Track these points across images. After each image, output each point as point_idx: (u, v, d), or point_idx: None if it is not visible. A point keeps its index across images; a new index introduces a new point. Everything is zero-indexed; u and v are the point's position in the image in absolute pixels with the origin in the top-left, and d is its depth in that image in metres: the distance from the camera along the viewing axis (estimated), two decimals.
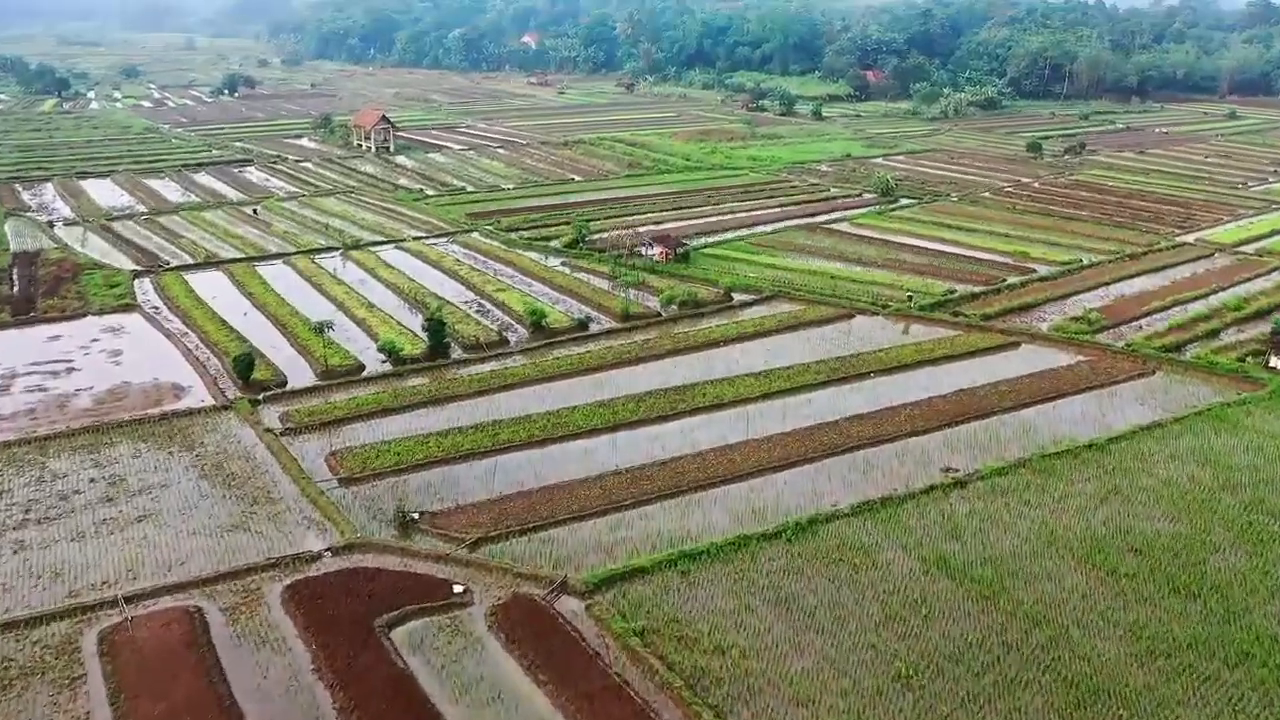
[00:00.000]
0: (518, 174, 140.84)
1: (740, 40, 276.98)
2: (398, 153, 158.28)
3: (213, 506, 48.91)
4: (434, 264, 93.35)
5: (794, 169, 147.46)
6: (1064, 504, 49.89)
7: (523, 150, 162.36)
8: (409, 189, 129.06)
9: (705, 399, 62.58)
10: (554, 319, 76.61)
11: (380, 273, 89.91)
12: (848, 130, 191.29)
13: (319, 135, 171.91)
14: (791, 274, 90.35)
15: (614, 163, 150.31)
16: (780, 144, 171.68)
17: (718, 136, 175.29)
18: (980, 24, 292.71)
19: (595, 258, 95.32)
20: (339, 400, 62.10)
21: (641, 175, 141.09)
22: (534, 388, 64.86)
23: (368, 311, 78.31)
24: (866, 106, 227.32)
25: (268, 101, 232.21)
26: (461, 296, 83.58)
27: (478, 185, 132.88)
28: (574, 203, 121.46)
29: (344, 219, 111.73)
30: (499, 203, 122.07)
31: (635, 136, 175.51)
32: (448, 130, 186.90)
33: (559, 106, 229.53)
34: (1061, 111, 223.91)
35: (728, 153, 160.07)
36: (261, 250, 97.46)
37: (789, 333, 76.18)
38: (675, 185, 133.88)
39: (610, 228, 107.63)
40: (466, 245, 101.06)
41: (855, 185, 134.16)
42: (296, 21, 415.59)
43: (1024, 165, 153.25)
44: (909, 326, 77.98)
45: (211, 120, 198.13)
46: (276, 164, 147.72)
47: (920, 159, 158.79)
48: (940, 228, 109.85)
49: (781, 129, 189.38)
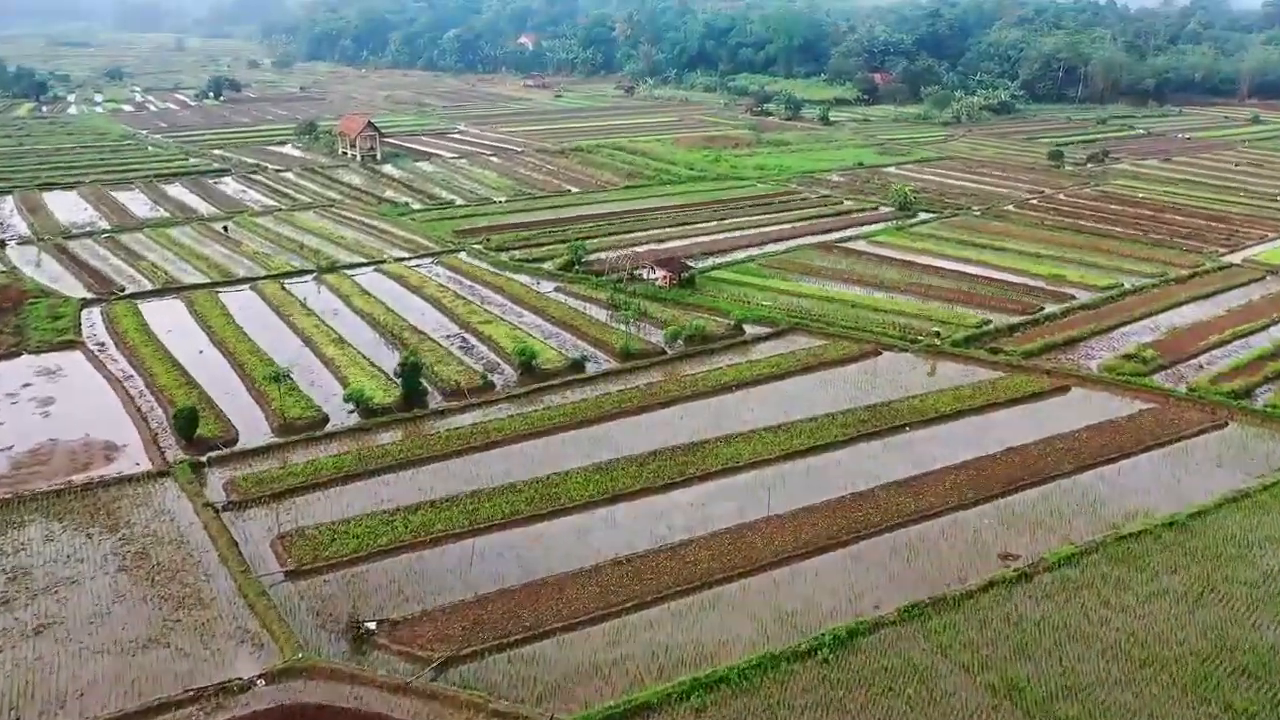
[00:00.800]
0: (510, 185, 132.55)
1: (743, 41, 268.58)
2: (385, 161, 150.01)
3: (129, 612, 40.65)
4: (415, 289, 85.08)
5: (804, 179, 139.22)
6: (1151, 607, 41.65)
7: (516, 159, 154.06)
8: (394, 202, 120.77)
9: (718, 461, 54.33)
10: (546, 358, 68.37)
11: (355, 301, 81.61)
12: (857, 136, 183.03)
13: (303, 143, 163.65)
14: (808, 301, 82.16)
15: (613, 172, 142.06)
16: (788, 151, 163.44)
17: (722, 143, 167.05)
18: (989, 24, 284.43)
19: (592, 282, 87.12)
20: (296, 463, 53.81)
21: (642, 187, 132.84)
22: (522, 445, 56.62)
23: (337, 349, 70.04)
24: (875, 110, 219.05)
25: (253, 106, 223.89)
26: (443, 330, 75.32)
27: (467, 198, 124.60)
28: (570, 218, 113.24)
29: (321, 237, 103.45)
30: (489, 218, 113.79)
31: (635, 143, 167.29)
32: (439, 136, 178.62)
33: (556, 110, 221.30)
34: (1077, 116, 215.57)
35: (733, 161, 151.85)
36: (228, 274, 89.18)
37: (809, 374, 67.93)
38: (678, 198, 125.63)
39: (609, 246, 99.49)
40: (452, 267, 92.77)
41: (870, 198, 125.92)
42: (289, 22, 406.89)
43: (1046, 175, 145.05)
44: (942, 366, 69.77)
45: (193, 126, 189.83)
46: (255, 174, 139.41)
47: (936, 168, 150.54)
48: (965, 246, 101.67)
49: (788, 135, 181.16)
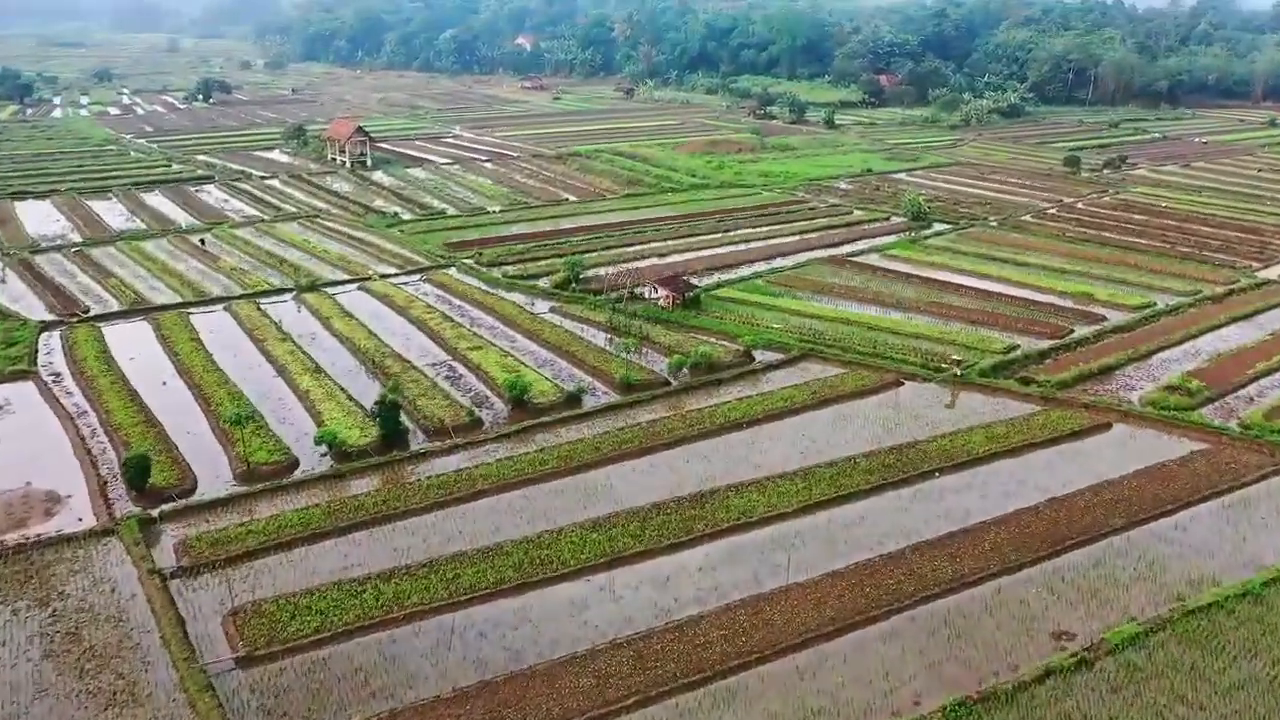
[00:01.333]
0: (505, 193, 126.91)
1: (745, 42, 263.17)
2: (375, 167, 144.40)
3: (49, 714, 35.08)
4: (401, 310, 79.47)
5: (810, 187, 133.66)
6: (1234, 701, 36.10)
7: (512, 164, 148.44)
8: (382, 212, 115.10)
9: (729, 514, 48.75)
10: (539, 390, 62.80)
11: (335, 324, 75.97)
12: (864, 140, 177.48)
13: (291, 148, 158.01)
14: (821, 323, 76.56)
15: (612, 179, 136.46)
16: (793, 156, 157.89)
17: (725, 148, 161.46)
18: (995, 25, 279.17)
19: (590, 302, 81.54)
20: (259, 517, 48.18)
21: (643, 195, 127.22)
22: (510, 495, 51.06)
23: (313, 380, 64.46)
24: (881, 113, 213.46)
25: (243, 108, 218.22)
26: (429, 357, 69.76)
27: (460, 207, 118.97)
28: (567, 229, 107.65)
29: (304, 251, 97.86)
30: (482, 229, 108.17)
31: (635, 148, 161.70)
32: (433, 141, 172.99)
33: (553, 113, 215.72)
34: (1089, 119, 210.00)
35: (737, 167, 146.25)
36: (201, 293, 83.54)
37: (825, 408, 62.33)
38: (680, 207, 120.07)
39: (608, 261, 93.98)
40: (441, 285, 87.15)
41: (880, 207, 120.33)
42: (284, 23, 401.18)
43: (1063, 182, 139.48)
44: (969, 398, 64.23)
45: (179, 130, 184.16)
46: (239, 181, 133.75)
47: (947, 174, 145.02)
48: (985, 261, 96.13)
49: (793, 139, 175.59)
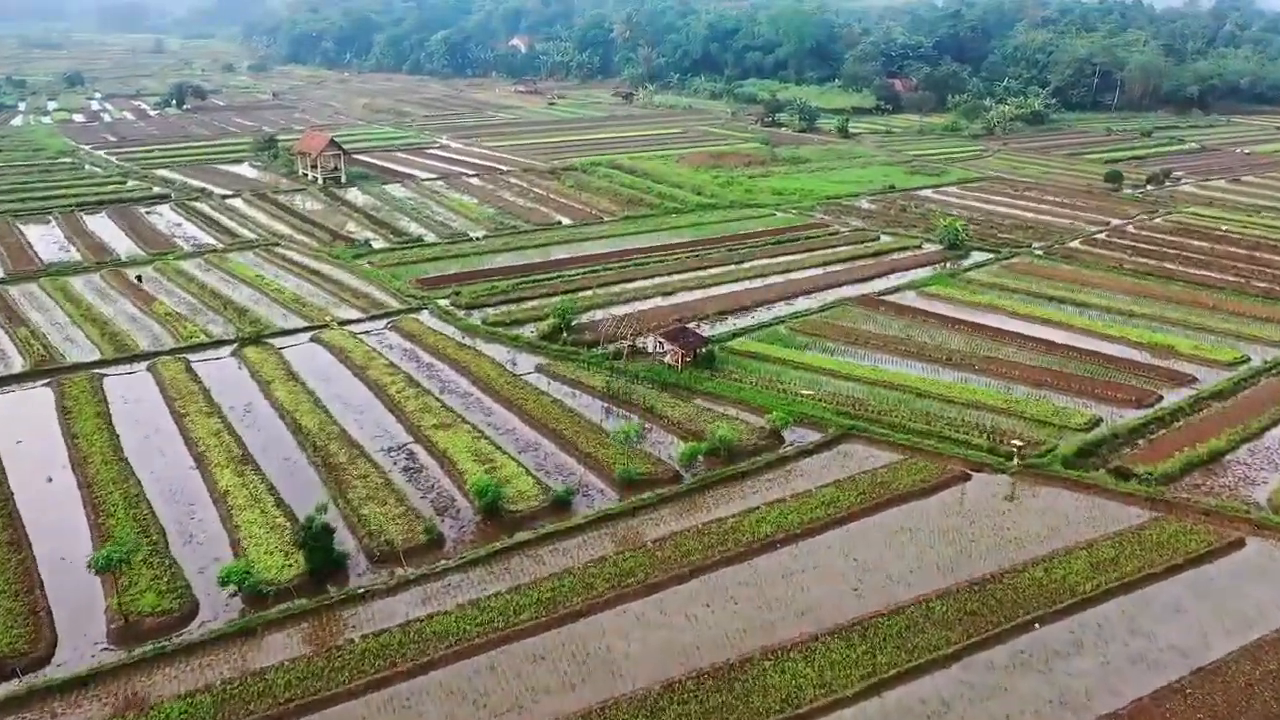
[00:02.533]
0: (491, 215, 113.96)
1: (750, 44, 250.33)
2: (350, 184, 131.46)
3: None
4: (358, 371, 66.61)
5: (829, 206, 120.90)
6: None
7: (501, 181, 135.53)
8: (352, 239, 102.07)
9: (768, 701, 35.98)
10: (518, 491, 50.04)
11: (277, 390, 63.12)
12: (881, 151, 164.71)
13: (261, 161, 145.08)
14: (859, 387, 63.88)
15: (610, 198, 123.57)
16: (807, 170, 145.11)
17: (733, 161, 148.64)
18: (1009, 26, 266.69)
19: (583, 359, 68.74)
20: (116, 714, 35.41)
21: (644, 217, 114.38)
22: (472, 663, 38.35)
23: (236, 475, 51.67)
24: (897, 120, 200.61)
25: (217, 115, 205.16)
26: (385, 438, 56.99)
27: (439, 233, 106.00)
28: (558, 261, 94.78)
29: (255, 288, 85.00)
30: (463, 260, 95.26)
31: (635, 160, 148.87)
32: (416, 153, 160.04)
33: (548, 120, 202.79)
34: (1118, 127, 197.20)
35: (746, 183, 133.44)
36: (124, 347, 70.65)
37: (878, 514, 49.58)
38: (687, 232, 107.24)
39: (605, 300, 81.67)
40: (410, 335, 74.23)
41: (910, 232, 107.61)
42: (271, 23, 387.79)
43: (1106, 200, 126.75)
44: (1054, 496, 51.46)
45: (144, 139, 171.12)
46: (197, 201, 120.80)
47: (977, 191, 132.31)
48: (1038, 301, 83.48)
49: (805, 149, 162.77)
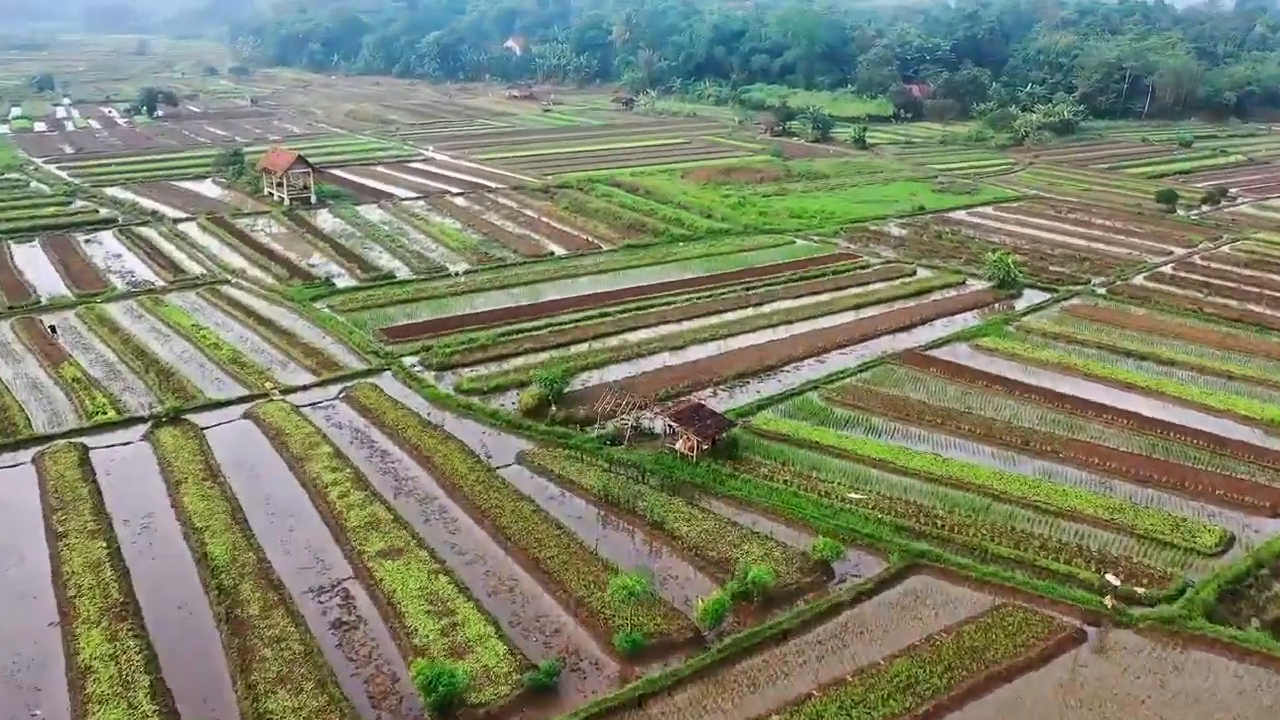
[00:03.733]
0: (475, 244, 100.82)
1: (758, 47, 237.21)
2: (320, 205, 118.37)
3: None
4: (295, 464, 53.47)
5: (854, 231, 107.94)
6: None
7: (488, 201, 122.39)
8: (312, 275, 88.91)
9: None
10: (482, 667, 37.03)
11: (189, 495, 50.00)
12: (904, 164, 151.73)
13: (225, 178, 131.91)
14: (920, 487, 51.14)
15: (609, 223, 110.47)
16: (825, 188, 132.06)
17: (743, 176, 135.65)
18: (1026, 27, 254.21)
19: (575, 443, 55.82)
20: None
21: (648, 246, 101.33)
22: None
23: (107, 640, 38.57)
24: (916, 129, 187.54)
25: (190, 124, 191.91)
26: (316, 570, 43.93)
27: (415, 266, 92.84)
28: (549, 304, 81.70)
29: (189, 341, 71.87)
30: (438, 303, 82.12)
31: (637, 176, 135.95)
32: (399, 166, 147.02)
33: (542, 129, 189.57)
34: (1153, 136, 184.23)
35: (760, 203, 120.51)
36: (8, 427, 57.56)
37: (972, 704, 36.57)
38: (695, 265, 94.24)
39: (602, 355, 69.09)
40: (366, 408, 61.11)
41: (949, 264, 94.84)
42: (258, 23, 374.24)
43: (1161, 224, 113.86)
44: (1201, 661, 38.49)
45: (106, 151, 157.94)
46: (146, 225, 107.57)
47: (1017, 212, 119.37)
48: (1114, 356, 70.69)
49: (820, 163, 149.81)
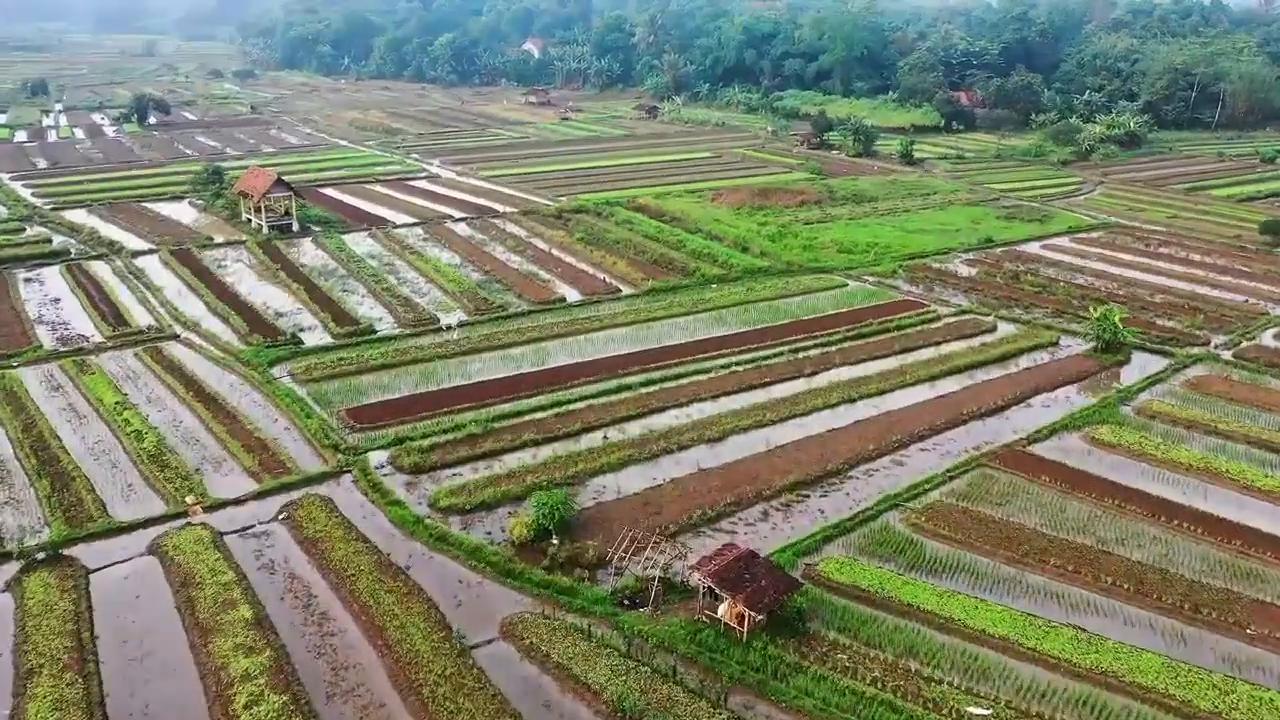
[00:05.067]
0: (474, 286, 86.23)
1: (790, 51, 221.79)
2: (303, 232, 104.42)
3: None
4: (196, 641, 39.03)
5: (916, 270, 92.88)
6: None
7: (494, 228, 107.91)
8: (277, 329, 74.65)
9: None
10: None
11: (34, 694, 35.71)
12: (959, 183, 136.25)
13: (203, 199, 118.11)
14: (1062, 688, 36.45)
15: (630, 258, 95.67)
16: (873, 213, 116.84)
17: (781, 199, 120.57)
18: (1075, 29, 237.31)
19: (582, 602, 41.36)
20: None
21: (676, 290, 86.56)
22: None
23: None
24: (967, 142, 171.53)
25: (181, 133, 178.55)
26: None
27: (401, 316, 78.35)
28: (556, 371, 67.09)
29: (109, 424, 57.67)
30: (423, 369, 67.52)
31: (661, 198, 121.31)
32: (399, 184, 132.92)
33: (559, 141, 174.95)
34: (1229, 150, 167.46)
35: (801, 232, 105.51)
36: None
37: None
38: (733, 316, 79.33)
39: (618, 454, 54.79)
40: (311, 538, 46.51)
41: (1033, 314, 79.71)
42: (267, 24, 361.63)
43: (1274, 262, 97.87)
44: None
45: (81, 166, 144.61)
46: (101, 259, 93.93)
47: (1097, 246, 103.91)
48: (1270, 455, 55.33)
49: (864, 181, 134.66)
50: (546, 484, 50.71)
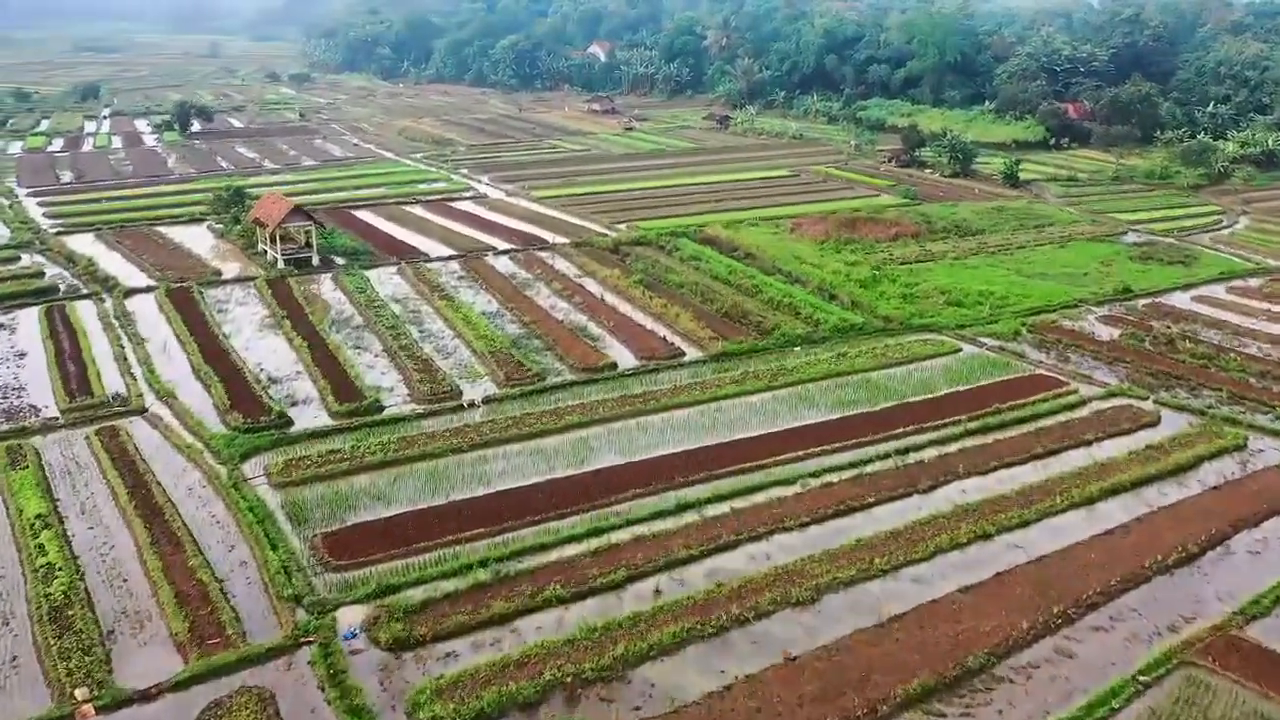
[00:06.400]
0: (509, 344, 72.00)
1: (875, 56, 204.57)
2: (324, 266, 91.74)
3: None
4: None
5: (1042, 330, 76.30)
6: None
7: (539, 264, 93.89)
8: (262, 402, 61.36)
9: None
10: None
11: None
12: (1075, 211, 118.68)
13: (222, 224, 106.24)
14: None
15: (696, 308, 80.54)
16: (980, 250, 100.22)
17: (873, 232, 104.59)
18: (1189, 32, 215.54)
19: None
20: None
21: (750, 354, 71.29)
22: None
23: None
24: (1079, 160, 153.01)
25: (221, 143, 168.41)
26: None
27: (417, 387, 64.32)
28: (597, 476, 52.48)
29: (18, 553, 44.76)
30: (427, 469, 53.46)
31: (733, 226, 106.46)
32: (441, 206, 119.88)
33: (621, 155, 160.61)
34: None
35: (901, 277, 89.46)
36: None
37: None
38: (820, 395, 63.74)
39: (677, 617, 40.20)
40: None
41: (1206, 401, 62.69)
42: (330, 25, 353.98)
43: None
44: None
45: (105, 180, 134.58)
46: (89, 299, 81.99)
47: (1262, 297, 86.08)
48: None
49: (965, 208, 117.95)
50: (573, 678, 36.40)
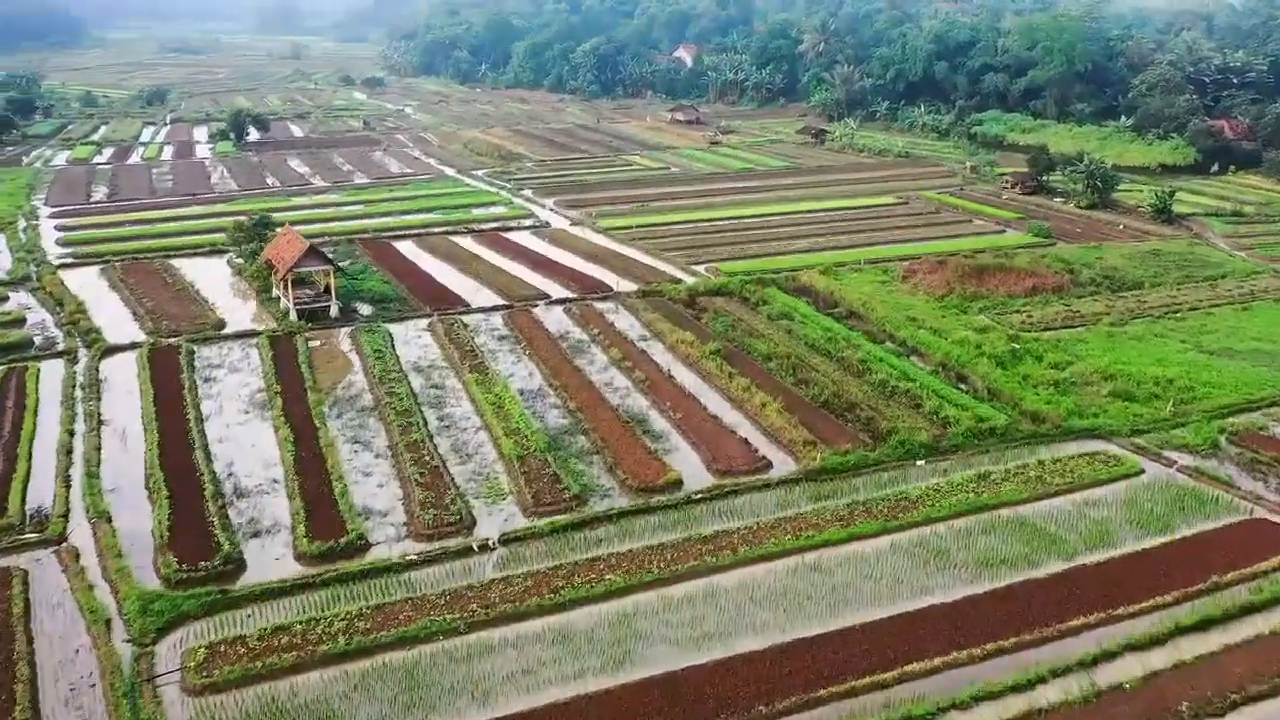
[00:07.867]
0: (545, 445, 55.95)
1: (991, 64, 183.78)
2: (343, 318, 77.54)
3: None
4: None
5: (1244, 439, 57.31)
6: None
7: (597, 323, 77.92)
8: (214, 534, 46.74)
9: None
10: None
11: None
12: (1249, 258, 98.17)
13: (243, 257, 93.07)
14: None
15: (786, 394, 63.44)
16: (1141, 309, 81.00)
17: (1004, 284, 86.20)
18: None
19: None
20: None
21: (858, 472, 54.11)
22: None
23: None
24: (1244, 191, 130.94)
25: (271, 156, 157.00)
26: None
27: (416, 515, 48.97)
28: (641, 687, 36.20)
29: None
30: (403, 665, 38.02)
31: (832, 272, 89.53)
32: (493, 239, 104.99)
33: (704, 175, 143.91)
34: None
35: (1050, 354, 70.83)
36: None
37: None
38: (957, 548, 46.33)
39: None
40: None
41: None
42: (411, 27, 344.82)
43: None
44: None
45: (139, 199, 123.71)
46: (60, 359, 69.05)
47: None
48: None
49: (1112, 252, 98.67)
50: None
